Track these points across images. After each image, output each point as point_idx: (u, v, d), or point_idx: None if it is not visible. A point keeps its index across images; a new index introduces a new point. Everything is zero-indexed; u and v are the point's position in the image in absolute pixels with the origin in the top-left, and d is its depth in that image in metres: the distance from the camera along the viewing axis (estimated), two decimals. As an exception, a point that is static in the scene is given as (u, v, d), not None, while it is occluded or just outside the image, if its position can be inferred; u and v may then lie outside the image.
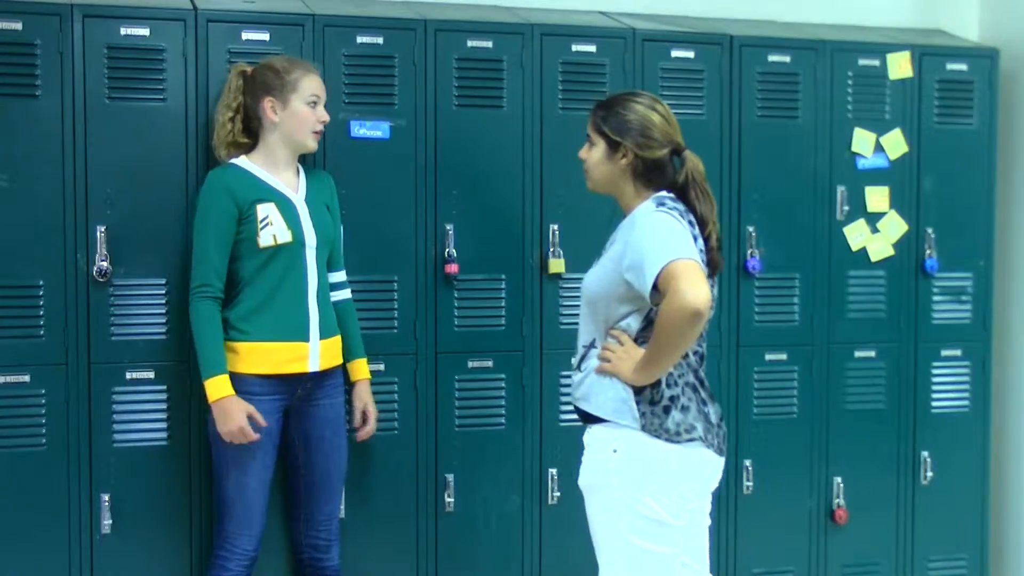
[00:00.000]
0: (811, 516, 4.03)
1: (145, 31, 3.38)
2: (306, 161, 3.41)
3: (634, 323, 2.75)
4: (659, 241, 2.64)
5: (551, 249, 3.69)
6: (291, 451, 3.37)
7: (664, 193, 2.78)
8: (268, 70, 3.26)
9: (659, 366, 2.69)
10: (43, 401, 3.32)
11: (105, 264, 3.32)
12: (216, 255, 3.18)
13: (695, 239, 2.70)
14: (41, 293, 3.31)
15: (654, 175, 2.80)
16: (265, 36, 3.47)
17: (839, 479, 4.03)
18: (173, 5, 3.44)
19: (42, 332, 3.32)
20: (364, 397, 3.43)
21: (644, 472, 2.71)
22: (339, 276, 3.42)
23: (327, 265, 3.37)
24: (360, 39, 3.55)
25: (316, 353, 3.27)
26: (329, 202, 3.37)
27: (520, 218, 3.69)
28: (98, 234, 3.33)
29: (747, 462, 3.93)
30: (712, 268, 2.79)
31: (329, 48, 3.51)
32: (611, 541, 2.75)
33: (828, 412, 4.02)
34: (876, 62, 4.03)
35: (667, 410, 2.72)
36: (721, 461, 2.83)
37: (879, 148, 4.04)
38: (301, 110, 3.23)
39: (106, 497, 3.36)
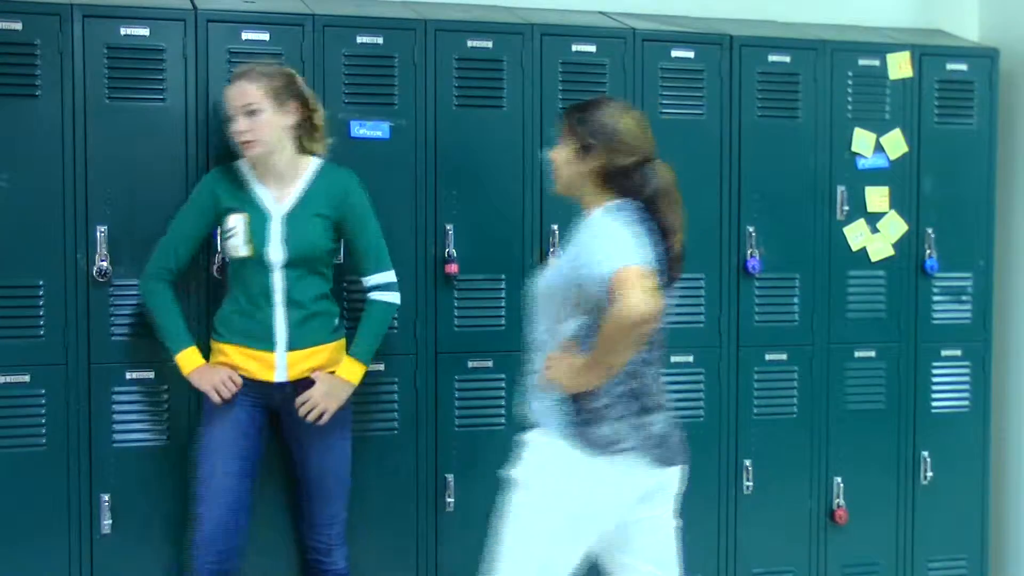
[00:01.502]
0: (811, 516, 4.03)
1: (145, 31, 3.38)
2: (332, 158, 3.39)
3: (581, 328, 2.73)
4: (609, 245, 2.63)
5: (551, 249, 3.69)
6: (288, 454, 3.37)
7: (621, 201, 2.76)
8: None
9: (599, 373, 2.65)
10: (43, 401, 3.33)
11: (105, 264, 3.33)
12: (183, 246, 3.25)
13: (646, 248, 2.69)
14: (41, 293, 3.31)
15: (619, 182, 2.76)
16: (265, 36, 3.48)
17: (839, 479, 4.03)
18: (173, 5, 3.44)
19: (42, 332, 3.32)
20: (315, 386, 3.25)
21: (566, 480, 2.69)
22: (372, 280, 3.32)
23: (357, 269, 3.34)
24: (360, 39, 3.55)
25: (282, 364, 3.23)
26: (330, 211, 3.25)
27: (520, 218, 3.69)
28: (98, 234, 3.33)
29: (747, 462, 3.93)
30: (670, 278, 2.78)
31: (329, 48, 3.51)
32: (518, 537, 2.75)
33: (828, 412, 4.02)
34: (876, 62, 4.04)
35: (597, 420, 2.69)
36: (668, 471, 2.78)
37: (879, 148, 4.04)
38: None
39: (106, 497, 3.36)
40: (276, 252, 3.20)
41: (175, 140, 3.40)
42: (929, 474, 4.12)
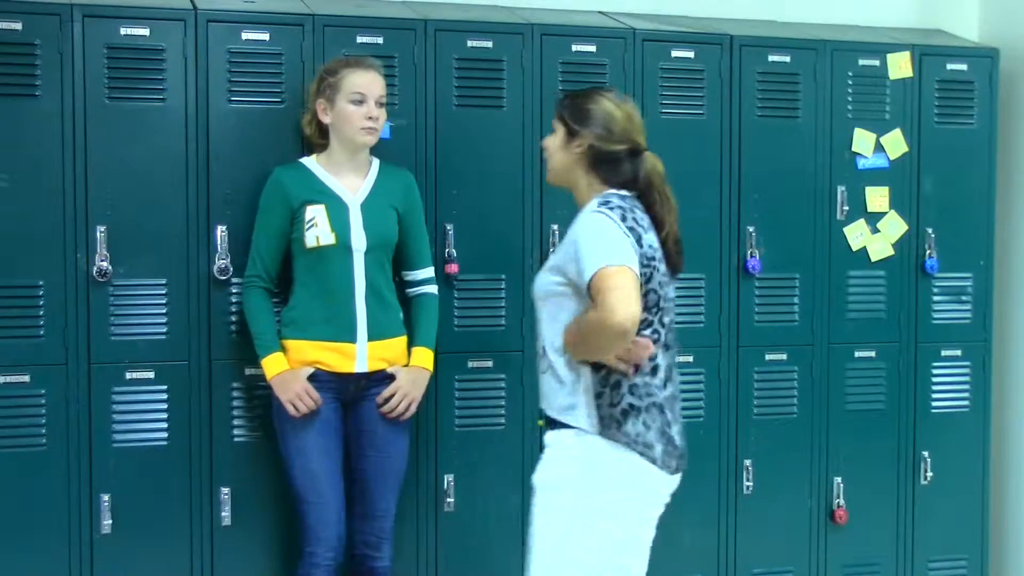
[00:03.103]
0: (811, 516, 4.03)
1: (145, 31, 3.38)
2: (388, 158, 3.42)
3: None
4: (594, 241, 2.63)
5: (551, 249, 3.68)
6: (348, 446, 3.38)
7: (613, 191, 2.76)
8: (322, 73, 3.32)
9: (578, 353, 2.71)
10: (43, 401, 3.33)
11: (105, 264, 3.33)
12: (266, 250, 3.28)
13: (639, 239, 2.67)
14: (41, 293, 3.31)
15: (607, 169, 2.77)
16: (265, 36, 3.48)
17: (839, 479, 4.03)
18: (173, 5, 3.44)
19: (42, 332, 3.32)
20: (400, 378, 3.33)
21: (599, 478, 2.68)
22: (422, 273, 3.44)
23: (409, 263, 3.41)
24: (360, 39, 3.55)
25: (363, 354, 3.28)
26: (399, 203, 3.36)
27: (520, 218, 3.69)
28: (98, 234, 3.33)
29: (747, 462, 3.93)
30: (672, 269, 2.80)
31: (329, 48, 3.51)
32: (549, 542, 2.72)
33: (828, 412, 4.02)
34: (876, 62, 4.03)
35: (625, 414, 2.69)
36: (676, 480, 2.79)
37: (879, 148, 4.04)
38: (346, 109, 3.26)
39: (106, 497, 3.36)
40: (358, 239, 3.26)
41: (175, 140, 3.40)
42: (929, 474, 4.12)
